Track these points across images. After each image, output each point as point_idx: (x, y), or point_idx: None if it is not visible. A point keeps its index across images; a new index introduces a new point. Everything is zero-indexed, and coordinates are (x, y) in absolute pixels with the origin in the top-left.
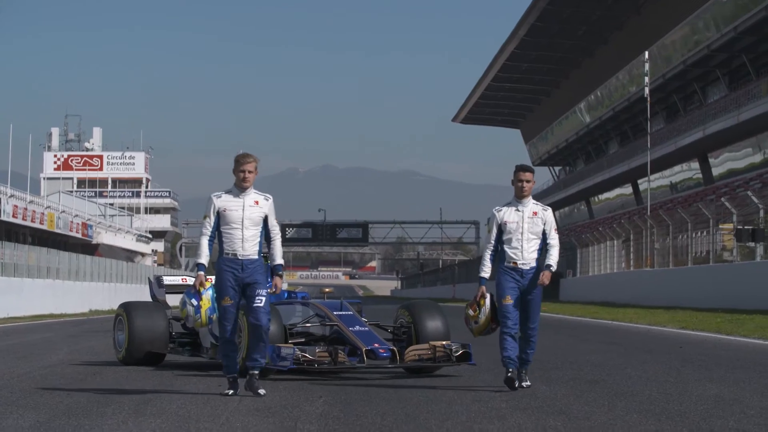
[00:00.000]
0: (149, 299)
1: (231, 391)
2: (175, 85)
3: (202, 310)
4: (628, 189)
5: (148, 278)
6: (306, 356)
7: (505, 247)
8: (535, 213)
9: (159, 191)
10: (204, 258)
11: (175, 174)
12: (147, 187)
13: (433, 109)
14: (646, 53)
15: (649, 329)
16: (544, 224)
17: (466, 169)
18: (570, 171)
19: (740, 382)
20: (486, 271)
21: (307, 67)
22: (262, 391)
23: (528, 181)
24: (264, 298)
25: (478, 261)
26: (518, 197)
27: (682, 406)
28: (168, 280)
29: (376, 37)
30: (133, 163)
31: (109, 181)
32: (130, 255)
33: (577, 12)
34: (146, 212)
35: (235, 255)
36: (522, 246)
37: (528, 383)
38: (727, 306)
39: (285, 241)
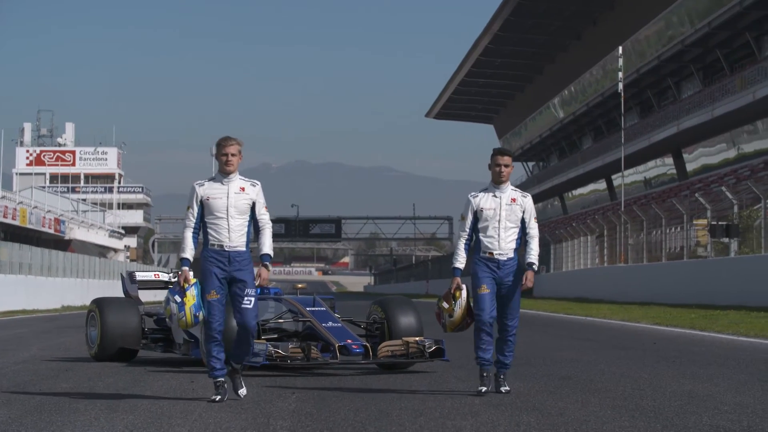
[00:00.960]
0: (122, 295)
1: (218, 397)
2: (148, 81)
3: (186, 308)
4: (602, 184)
5: (121, 274)
6: (279, 352)
7: (481, 236)
8: (513, 200)
9: (131, 187)
10: (188, 252)
11: (147, 169)
12: (119, 182)
13: (407, 104)
14: (620, 48)
15: (622, 325)
16: (524, 212)
17: (439, 165)
18: (543, 166)
19: (714, 378)
20: (460, 262)
21: (279, 62)
22: (243, 392)
23: (506, 166)
24: (253, 299)
25: (451, 257)
26: (496, 183)
27: (656, 402)
28: (140, 275)
29: (350, 33)
30: (106, 159)
31: (82, 177)
32: (102, 251)
33: (551, 7)
34: (119, 208)
35: (222, 246)
36: (499, 235)
37: (507, 388)
38: (701, 302)
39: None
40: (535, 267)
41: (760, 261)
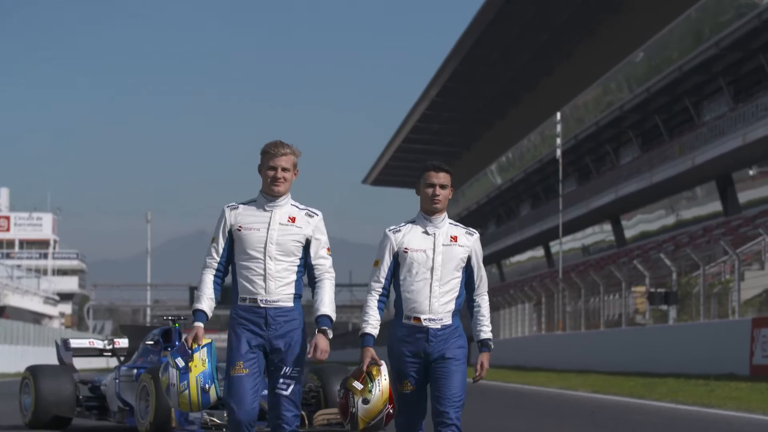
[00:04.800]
0: (56, 362)
1: None
2: (82, 146)
3: (191, 375)
4: (539, 251)
5: (56, 341)
6: (214, 420)
7: (404, 292)
8: (454, 238)
9: (67, 253)
10: (204, 302)
11: (83, 235)
12: (54, 248)
13: (344, 170)
14: (558, 114)
15: (560, 393)
16: (469, 257)
17: (376, 232)
18: (481, 233)
19: None
20: (372, 325)
21: (214, 121)
22: None
23: (443, 187)
24: (292, 384)
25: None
26: (427, 212)
27: None
28: (75, 343)
29: (287, 93)
30: (41, 225)
31: (17, 243)
32: (37, 317)
33: (489, 73)
34: (54, 274)
35: (255, 301)
36: (431, 290)
37: None
38: (640, 369)
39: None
40: (491, 345)
41: (699, 328)
